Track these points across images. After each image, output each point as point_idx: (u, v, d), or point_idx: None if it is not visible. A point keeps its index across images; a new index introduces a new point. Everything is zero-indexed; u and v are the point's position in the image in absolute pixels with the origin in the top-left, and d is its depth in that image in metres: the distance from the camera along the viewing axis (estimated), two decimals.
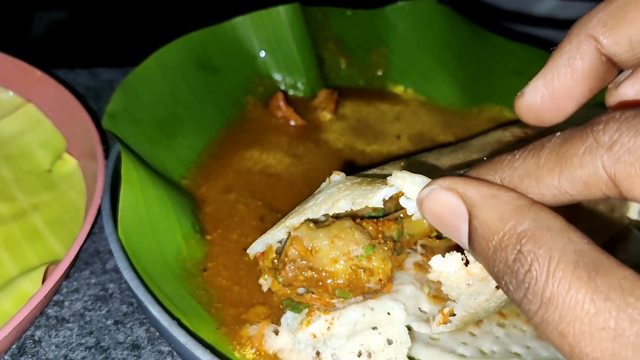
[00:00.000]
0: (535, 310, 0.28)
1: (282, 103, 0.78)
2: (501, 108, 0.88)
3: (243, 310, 0.54)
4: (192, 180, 0.68)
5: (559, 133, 0.32)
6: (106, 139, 0.77)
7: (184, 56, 0.75)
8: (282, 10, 0.82)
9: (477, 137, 0.66)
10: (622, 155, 0.29)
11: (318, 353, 0.49)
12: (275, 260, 0.53)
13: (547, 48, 0.93)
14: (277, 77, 0.83)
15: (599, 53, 0.36)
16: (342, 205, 0.47)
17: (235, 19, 0.81)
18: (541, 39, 1.30)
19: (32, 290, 0.53)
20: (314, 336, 0.49)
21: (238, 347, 0.51)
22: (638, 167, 0.29)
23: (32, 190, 0.67)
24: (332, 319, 0.49)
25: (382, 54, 0.90)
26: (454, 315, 0.44)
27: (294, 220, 0.51)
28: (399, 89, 0.90)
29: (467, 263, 0.37)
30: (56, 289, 0.58)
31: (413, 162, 0.62)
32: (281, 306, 0.52)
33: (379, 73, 0.90)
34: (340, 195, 0.48)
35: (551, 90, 0.38)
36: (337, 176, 0.54)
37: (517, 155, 0.33)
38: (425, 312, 0.51)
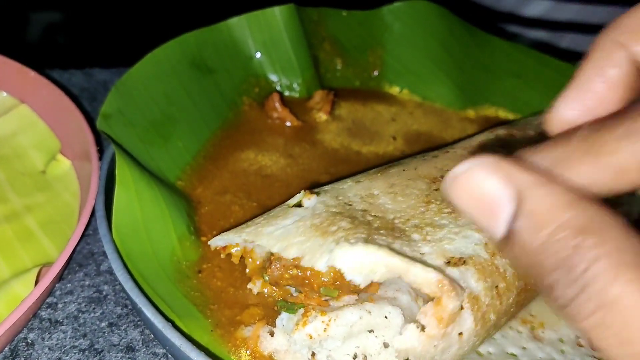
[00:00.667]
0: (589, 313, 0.26)
1: (277, 104, 0.78)
2: (497, 109, 0.88)
3: (238, 311, 0.54)
4: (187, 182, 0.68)
5: (589, 121, 0.31)
6: (100, 140, 0.76)
7: (179, 57, 0.75)
8: (277, 10, 0.81)
9: (462, 141, 0.66)
10: None
11: (313, 354, 0.48)
12: (258, 262, 0.54)
13: (541, 50, 0.93)
14: (273, 77, 0.83)
15: (631, 61, 0.34)
16: (292, 253, 0.48)
17: (230, 20, 0.80)
18: (534, 41, 1.31)
19: (24, 293, 0.52)
20: (310, 337, 0.49)
21: (233, 349, 0.51)
22: None
23: (25, 192, 0.67)
24: (329, 320, 0.49)
25: (378, 55, 0.90)
26: None
27: (251, 236, 0.51)
28: (394, 90, 0.89)
29: (422, 328, 0.38)
30: (49, 291, 0.57)
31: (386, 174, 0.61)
32: (276, 308, 0.52)
33: (375, 74, 0.90)
34: (294, 240, 0.48)
35: (585, 103, 0.35)
36: (307, 201, 0.53)
37: (543, 145, 0.31)
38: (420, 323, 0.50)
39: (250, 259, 0.53)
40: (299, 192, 0.56)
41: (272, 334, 0.51)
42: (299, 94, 0.84)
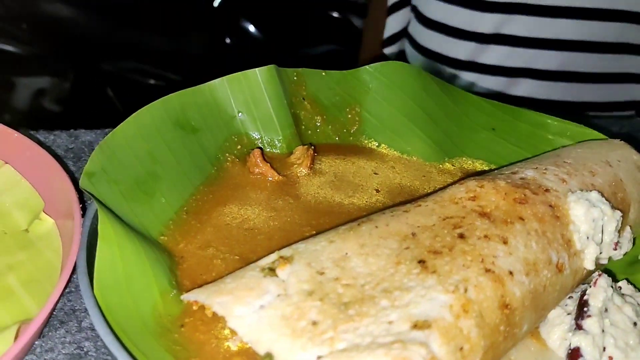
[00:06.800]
0: None
1: (259, 160, 0.79)
2: (474, 161, 0.91)
3: None
4: (170, 237, 0.68)
5: None
6: (84, 198, 0.77)
7: (163, 117, 0.77)
8: (258, 72, 0.84)
9: (434, 194, 0.67)
10: None
11: None
12: None
13: (497, 97, 0.95)
14: (255, 135, 0.85)
15: None
16: (263, 349, 0.49)
17: (213, 81, 0.83)
18: (489, 89, 1.37)
19: (3, 349, 0.52)
20: None
21: None
22: None
23: (7, 251, 0.67)
24: None
25: (356, 112, 0.92)
26: None
27: (221, 310, 0.52)
28: (373, 145, 0.92)
29: None
30: (29, 348, 0.57)
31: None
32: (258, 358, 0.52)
33: (353, 130, 0.92)
34: (265, 336, 0.49)
35: None
36: (282, 272, 0.54)
37: None
38: None
39: None
40: (282, 242, 0.56)
41: None
42: (280, 150, 0.85)
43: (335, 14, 2.04)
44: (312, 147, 0.85)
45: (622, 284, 0.65)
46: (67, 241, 0.66)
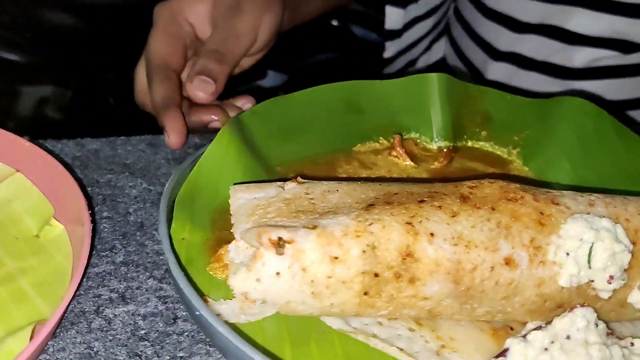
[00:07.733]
0: None
1: (397, 143, 0.87)
2: None
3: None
4: (285, 168, 0.79)
5: None
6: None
7: (337, 93, 0.86)
8: (433, 77, 0.88)
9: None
10: None
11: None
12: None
13: None
14: (413, 131, 0.91)
15: None
16: (232, 220, 0.62)
17: (387, 80, 0.89)
18: None
19: (19, 348, 0.54)
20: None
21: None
22: None
23: (19, 255, 0.69)
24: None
25: (522, 137, 0.91)
26: None
27: (232, 192, 0.65)
28: (523, 169, 0.90)
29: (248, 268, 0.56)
30: (43, 348, 0.59)
31: None
32: None
33: (513, 151, 0.92)
34: (241, 210, 0.62)
35: None
36: (287, 185, 0.64)
37: None
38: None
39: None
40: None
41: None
42: (431, 147, 0.90)
43: (334, 22, 2.06)
44: (455, 148, 0.89)
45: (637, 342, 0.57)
46: (77, 246, 0.69)
